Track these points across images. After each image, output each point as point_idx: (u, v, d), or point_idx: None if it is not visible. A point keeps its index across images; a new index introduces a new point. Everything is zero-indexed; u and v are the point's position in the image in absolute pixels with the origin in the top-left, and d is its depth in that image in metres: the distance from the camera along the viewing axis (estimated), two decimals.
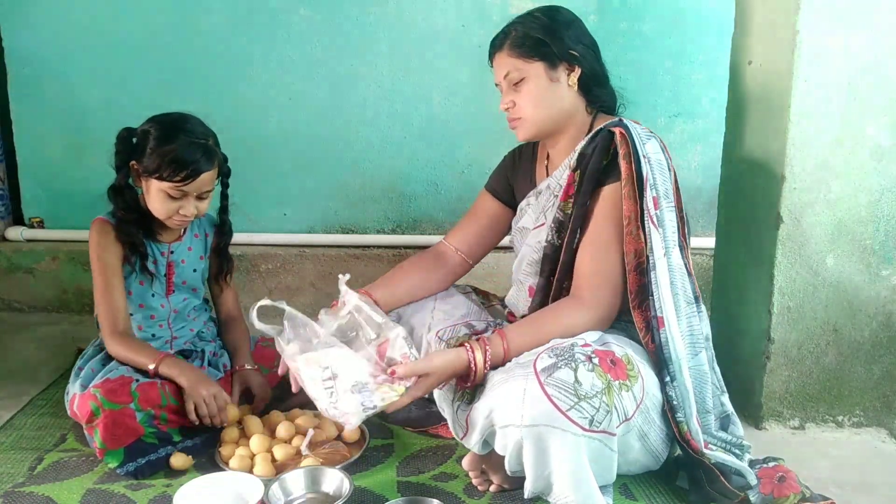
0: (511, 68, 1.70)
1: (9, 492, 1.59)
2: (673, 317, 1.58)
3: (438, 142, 2.83)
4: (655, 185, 1.60)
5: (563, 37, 1.69)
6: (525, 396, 1.41)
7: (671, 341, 1.57)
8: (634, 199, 1.59)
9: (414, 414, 1.89)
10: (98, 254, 1.81)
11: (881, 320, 1.88)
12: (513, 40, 1.70)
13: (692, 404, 1.57)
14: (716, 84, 2.67)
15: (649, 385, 1.53)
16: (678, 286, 1.61)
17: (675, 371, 1.57)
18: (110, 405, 1.63)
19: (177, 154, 1.72)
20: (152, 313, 1.91)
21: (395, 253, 2.83)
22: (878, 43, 1.75)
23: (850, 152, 1.79)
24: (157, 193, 1.76)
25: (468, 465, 1.60)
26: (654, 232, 1.58)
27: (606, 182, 1.64)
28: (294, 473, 1.58)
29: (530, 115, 1.71)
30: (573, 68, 1.70)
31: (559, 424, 1.39)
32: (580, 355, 1.44)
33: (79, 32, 2.76)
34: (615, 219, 1.62)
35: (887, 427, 1.93)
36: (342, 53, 2.76)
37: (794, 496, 1.54)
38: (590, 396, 1.40)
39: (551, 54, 1.68)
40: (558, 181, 1.75)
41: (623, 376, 1.47)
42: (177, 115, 1.80)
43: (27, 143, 2.86)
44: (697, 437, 1.57)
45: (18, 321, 2.74)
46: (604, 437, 1.43)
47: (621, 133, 1.61)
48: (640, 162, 1.59)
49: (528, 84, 1.69)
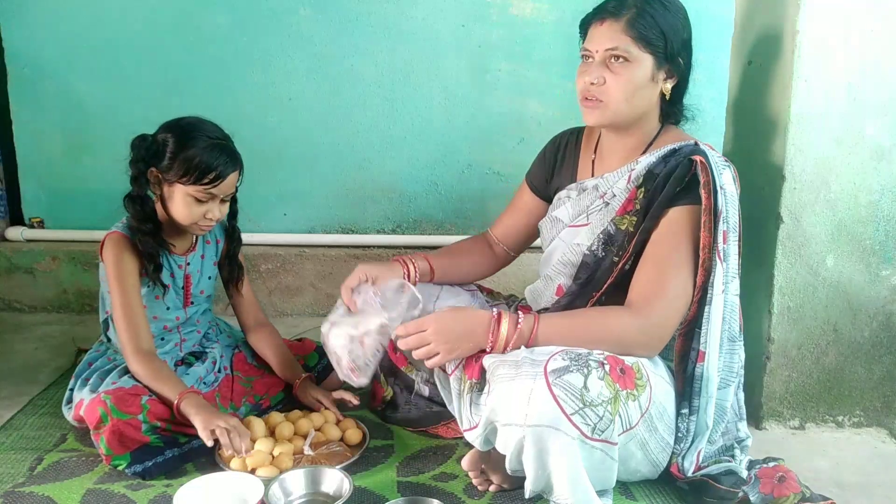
0: (621, 44, 1.55)
1: (9, 492, 1.59)
2: (715, 354, 1.57)
3: (438, 142, 2.83)
4: (727, 219, 1.56)
5: (681, 40, 1.60)
6: (531, 396, 1.38)
7: (706, 378, 1.57)
8: (710, 230, 1.54)
9: (413, 414, 1.89)
10: (117, 271, 1.75)
11: (881, 320, 1.88)
12: (635, 18, 1.56)
13: (703, 440, 1.58)
14: (716, 84, 2.66)
15: (657, 393, 1.52)
16: (727, 321, 1.60)
17: (700, 407, 1.57)
18: (119, 414, 1.62)
19: (204, 156, 1.70)
20: (165, 324, 1.89)
21: (395, 253, 2.80)
22: (878, 43, 1.75)
23: (850, 152, 1.79)
24: (184, 198, 1.73)
25: (468, 465, 1.60)
26: (719, 266, 1.55)
27: (674, 205, 1.58)
28: (294, 473, 1.58)
29: (615, 102, 1.59)
30: (672, 76, 1.62)
31: (561, 427, 1.37)
32: (593, 362, 1.42)
33: (79, 32, 2.75)
34: (679, 241, 1.57)
35: (887, 427, 1.93)
36: (342, 53, 2.76)
37: (794, 496, 1.54)
38: (595, 404, 1.38)
39: (663, 54, 1.58)
40: (612, 188, 1.67)
41: (631, 385, 1.45)
42: (193, 119, 1.77)
43: (27, 143, 2.86)
44: (685, 470, 1.57)
45: (18, 321, 2.74)
46: (605, 447, 1.42)
47: (702, 162, 1.54)
48: (717, 193, 1.54)
49: (630, 70, 1.57)
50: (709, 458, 1.63)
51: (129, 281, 1.76)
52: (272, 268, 2.84)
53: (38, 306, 2.85)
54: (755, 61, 1.94)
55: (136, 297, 1.77)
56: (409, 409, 1.88)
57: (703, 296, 1.56)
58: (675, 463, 1.57)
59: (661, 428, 1.55)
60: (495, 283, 2.31)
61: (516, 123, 2.81)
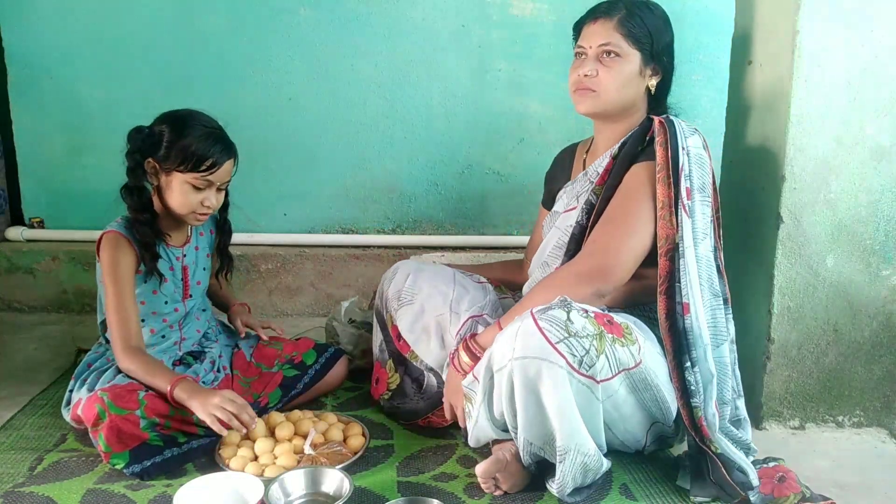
0: (613, 40, 1.70)
1: (9, 492, 1.59)
2: (700, 303, 1.60)
3: (438, 142, 2.84)
4: (691, 177, 1.63)
5: (663, 39, 1.74)
6: (518, 331, 1.45)
7: (696, 327, 1.58)
8: (669, 185, 1.62)
9: (422, 405, 1.87)
10: (112, 269, 1.78)
11: (881, 320, 1.88)
12: (626, 18, 1.71)
13: (713, 390, 1.58)
14: (716, 84, 2.67)
15: (648, 356, 1.53)
16: (704, 278, 1.63)
17: (699, 356, 1.58)
18: (116, 410, 1.62)
19: (201, 144, 1.74)
20: (164, 317, 1.90)
21: (395, 253, 2.82)
22: (878, 43, 1.75)
23: (849, 152, 1.79)
24: (181, 186, 1.76)
25: (482, 473, 1.57)
26: (686, 220, 1.61)
27: (635, 162, 1.70)
28: (294, 473, 1.58)
29: (607, 92, 1.72)
30: (657, 73, 1.76)
31: (547, 356, 1.41)
32: (576, 306, 1.48)
33: (79, 32, 2.76)
34: (633, 193, 1.66)
35: (887, 427, 1.93)
36: (342, 53, 2.77)
37: (794, 496, 1.54)
38: (580, 336, 1.43)
39: (650, 52, 1.72)
40: (597, 169, 1.79)
41: (619, 334, 1.49)
42: (187, 111, 1.81)
43: (27, 143, 2.86)
44: (712, 423, 1.56)
45: (18, 321, 2.74)
46: (590, 383, 1.45)
47: (660, 122, 1.67)
48: (679, 151, 1.63)
49: (621, 64, 1.71)
50: (724, 419, 1.62)
51: (124, 278, 1.78)
52: (272, 268, 2.84)
53: (38, 306, 2.85)
54: (755, 61, 1.94)
55: (130, 295, 1.79)
56: (417, 401, 1.88)
57: (674, 250, 1.60)
58: (700, 417, 1.56)
59: (659, 384, 1.55)
60: None
61: (516, 123, 2.82)
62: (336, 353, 2.06)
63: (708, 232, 1.65)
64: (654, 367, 1.55)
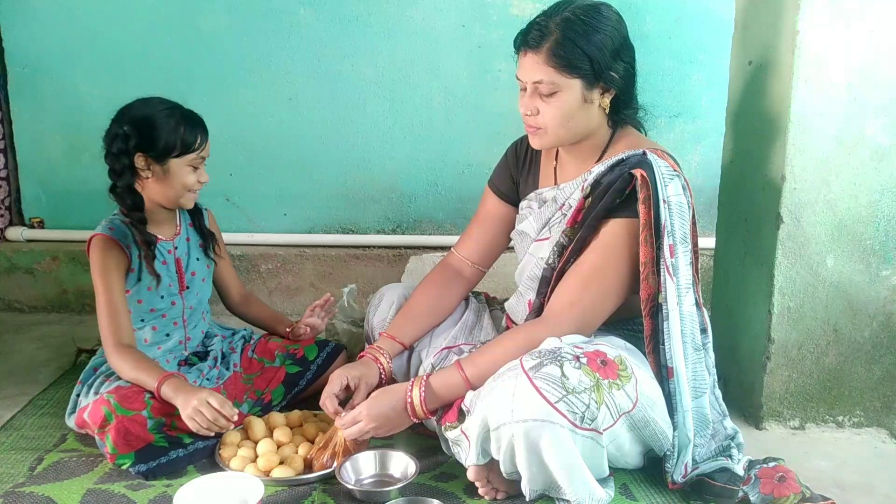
0: (545, 77, 1.54)
1: (9, 492, 1.59)
2: (682, 367, 1.59)
3: (438, 142, 2.83)
4: (673, 232, 1.56)
5: (607, 54, 1.55)
6: (515, 393, 1.42)
7: (679, 393, 1.58)
8: (651, 245, 1.55)
9: None
10: (101, 272, 1.79)
11: (881, 320, 1.87)
12: (554, 47, 1.53)
13: (688, 453, 1.60)
14: (716, 84, 2.66)
15: (644, 386, 1.52)
16: (688, 334, 1.61)
17: (679, 421, 1.59)
18: (123, 411, 1.63)
19: (186, 124, 1.79)
20: (164, 313, 1.90)
21: (395, 253, 2.82)
22: (878, 43, 1.75)
23: (850, 152, 1.79)
24: (180, 170, 1.80)
25: (473, 476, 1.57)
26: (669, 281, 1.56)
27: (612, 217, 1.59)
28: (364, 455, 1.67)
29: (553, 129, 1.60)
30: (609, 90, 1.59)
31: (549, 418, 1.39)
32: (567, 354, 1.45)
33: (79, 32, 2.76)
34: (610, 253, 1.59)
35: (887, 427, 1.93)
36: (342, 53, 2.76)
37: (794, 496, 1.54)
38: (578, 391, 1.41)
39: (591, 75, 1.55)
40: (567, 199, 1.68)
41: (613, 375, 1.47)
42: (143, 100, 1.82)
43: (27, 143, 2.86)
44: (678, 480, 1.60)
45: (18, 321, 2.74)
46: (594, 436, 1.44)
47: (642, 176, 1.54)
48: (660, 206, 1.54)
49: (560, 99, 1.56)
50: (706, 458, 1.64)
51: (113, 278, 1.80)
52: (272, 268, 2.84)
53: (38, 306, 2.85)
54: (755, 61, 1.93)
55: (120, 295, 1.80)
56: None
57: (656, 310, 1.57)
58: (668, 481, 1.60)
59: (657, 418, 1.54)
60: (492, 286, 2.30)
61: (516, 123, 2.78)
62: (336, 349, 2.08)
63: (690, 284, 1.61)
64: (650, 394, 1.54)
